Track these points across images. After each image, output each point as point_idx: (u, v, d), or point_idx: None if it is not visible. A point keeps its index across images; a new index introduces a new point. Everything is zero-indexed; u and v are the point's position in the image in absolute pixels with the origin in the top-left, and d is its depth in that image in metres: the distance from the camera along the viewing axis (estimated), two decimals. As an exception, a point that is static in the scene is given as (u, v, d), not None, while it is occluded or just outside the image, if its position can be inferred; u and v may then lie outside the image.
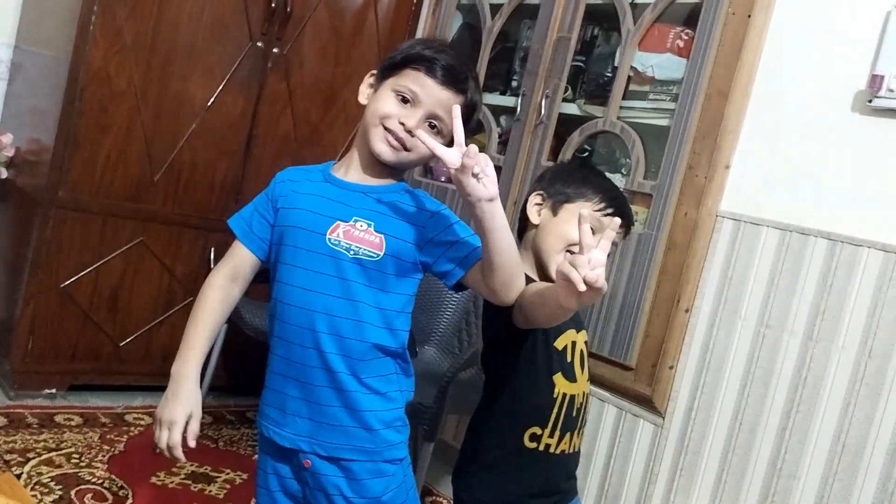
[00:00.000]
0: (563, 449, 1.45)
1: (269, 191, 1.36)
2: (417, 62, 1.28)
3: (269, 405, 1.32)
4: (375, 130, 1.28)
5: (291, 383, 1.28)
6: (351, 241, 1.25)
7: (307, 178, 1.35)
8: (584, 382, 1.48)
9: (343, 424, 1.28)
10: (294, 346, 1.27)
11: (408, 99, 1.27)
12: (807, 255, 1.98)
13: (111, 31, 2.42)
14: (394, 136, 1.27)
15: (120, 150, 2.52)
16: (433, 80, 1.27)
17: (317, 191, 1.31)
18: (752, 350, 2.05)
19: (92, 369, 2.62)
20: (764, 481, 2.00)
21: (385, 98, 1.29)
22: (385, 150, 1.28)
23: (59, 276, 2.49)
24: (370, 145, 1.29)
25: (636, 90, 2.37)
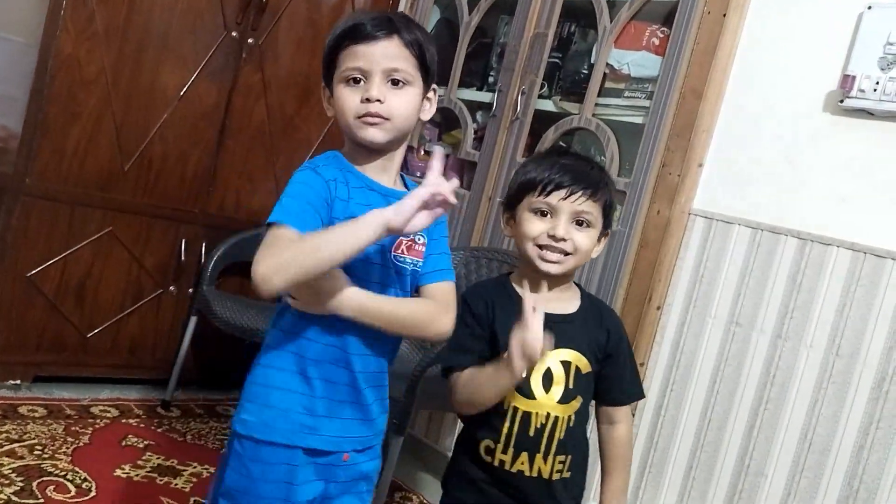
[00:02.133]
0: (520, 469, 1.38)
1: (323, 190, 1.21)
2: (340, 42, 1.25)
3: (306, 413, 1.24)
4: (354, 126, 1.25)
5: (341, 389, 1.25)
6: (413, 256, 1.29)
7: (347, 181, 1.25)
8: (550, 403, 1.38)
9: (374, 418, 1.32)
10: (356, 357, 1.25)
11: (357, 78, 1.24)
12: (777, 254, 1.99)
13: (82, 16, 2.38)
14: (367, 115, 1.23)
15: (89, 139, 2.48)
16: (361, 44, 1.23)
17: (367, 200, 1.25)
18: (722, 348, 2.06)
19: (57, 360, 2.58)
20: (732, 478, 2.01)
21: (341, 95, 1.25)
22: (372, 133, 1.24)
23: (25, 265, 2.44)
24: (359, 140, 1.26)
25: (612, 87, 2.37)
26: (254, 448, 1.24)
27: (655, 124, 2.19)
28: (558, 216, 1.37)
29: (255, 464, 1.23)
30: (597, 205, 1.39)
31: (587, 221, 1.39)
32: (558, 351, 1.38)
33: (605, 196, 1.41)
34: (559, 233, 1.36)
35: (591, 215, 1.39)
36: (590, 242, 1.40)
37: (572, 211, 1.37)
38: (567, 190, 1.37)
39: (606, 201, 1.42)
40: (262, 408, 1.24)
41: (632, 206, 2.20)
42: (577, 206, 1.37)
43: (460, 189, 2.78)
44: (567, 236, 1.36)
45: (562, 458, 1.39)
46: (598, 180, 1.41)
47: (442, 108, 2.89)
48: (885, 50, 1.82)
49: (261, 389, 1.25)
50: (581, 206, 1.38)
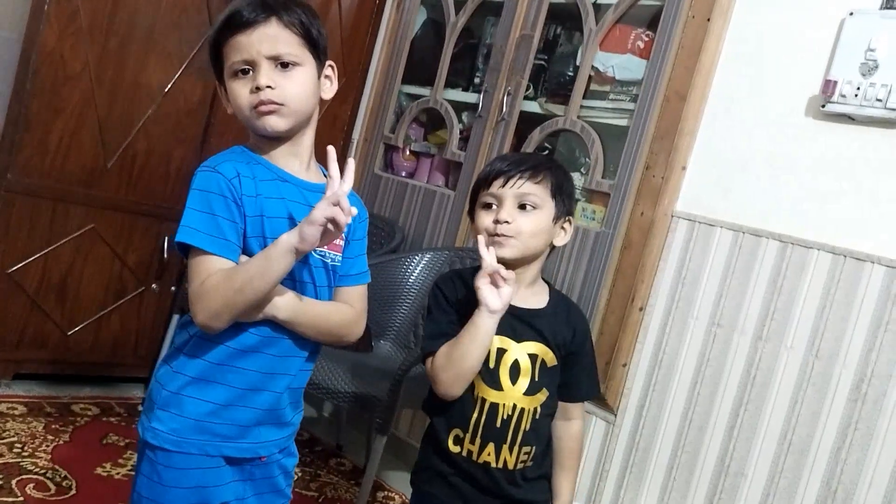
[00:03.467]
0: (486, 460, 1.39)
1: (230, 191, 1.17)
2: (221, 35, 1.22)
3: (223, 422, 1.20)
4: (251, 117, 1.21)
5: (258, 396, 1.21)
6: (332, 250, 1.26)
7: (257, 174, 1.21)
8: (518, 395, 1.39)
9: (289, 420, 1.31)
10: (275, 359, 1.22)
11: (245, 69, 1.20)
12: (759, 256, 2.01)
13: (66, 11, 2.36)
14: (261, 104, 1.19)
15: (72, 134, 2.46)
16: (240, 34, 1.19)
17: (280, 192, 1.22)
18: (704, 349, 2.08)
19: (38, 358, 2.55)
20: (712, 478, 2.03)
21: (233, 90, 1.22)
22: (271, 122, 1.20)
23: (6, 261, 2.42)
24: (260, 131, 1.22)
25: (597, 90, 2.38)
26: (166, 456, 1.19)
27: (640, 127, 2.21)
28: (503, 203, 1.39)
29: (168, 470, 1.19)
30: (540, 186, 1.39)
31: (531, 204, 1.38)
32: (526, 343, 1.41)
33: (550, 178, 1.41)
34: (501, 216, 1.37)
35: (536, 197, 1.38)
36: (534, 225, 1.38)
37: (514, 195, 1.38)
38: (505, 176, 1.39)
39: (553, 184, 1.41)
40: (174, 416, 1.19)
41: (616, 208, 2.22)
42: (518, 189, 1.38)
43: (446, 189, 2.78)
44: (509, 219, 1.37)
45: (527, 450, 1.41)
46: (539, 163, 1.42)
47: (428, 108, 2.89)
48: (866, 56, 1.84)
49: (172, 397, 1.20)
50: (522, 189, 1.38)
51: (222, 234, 1.15)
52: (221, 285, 1.12)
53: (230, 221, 1.16)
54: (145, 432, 1.21)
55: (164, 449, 1.19)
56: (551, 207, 1.41)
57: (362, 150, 3.08)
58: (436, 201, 2.75)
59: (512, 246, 1.37)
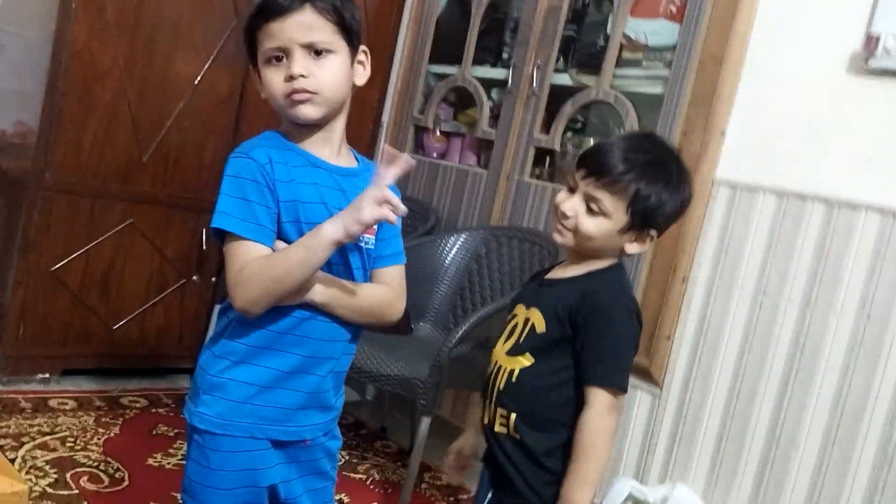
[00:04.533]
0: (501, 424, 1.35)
1: (263, 177, 1.17)
2: (254, 22, 1.21)
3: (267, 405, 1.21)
4: (285, 105, 1.21)
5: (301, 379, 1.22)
6: (365, 233, 1.23)
7: (289, 160, 1.21)
8: (501, 354, 1.37)
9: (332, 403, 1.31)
10: (317, 343, 1.23)
11: (278, 56, 1.19)
12: (804, 221, 1.95)
13: (93, 8, 2.37)
14: (294, 93, 1.18)
15: (106, 131, 2.48)
16: (274, 21, 1.18)
17: (312, 178, 1.22)
18: (750, 318, 2.04)
19: (85, 353, 2.60)
20: (763, 449, 1.99)
21: (266, 77, 1.21)
22: (305, 110, 1.20)
23: (49, 259, 2.46)
24: (293, 119, 1.22)
25: (629, 58, 2.33)
26: (213, 440, 1.20)
27: (675, 93, 2.16)
28: (574, 194, 1.32)
29: (216, 454, 1.20)
30: (611, 196, 1.27)
31: (599, 210, 1.28)
32: (531, 310, 1.37)
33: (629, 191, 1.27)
34: (563, 207, 1.31)
35: (603, 204, 1.28)
36: (595, 229, 1.29)
37: (584, 193, 1.30)
38: (583, 170, 1.31)
39: (634, 197, 1.27)
40: (219, 400, 1.20)
41: (653, 178, 2.17)
42: (588, 189, 1.29)
43: (478, 168, 2.76)
44: (570, 213, 1.30)
45: (503, 413, 1.34)
46: (622, 171, 1.27)
47: (456, 86, 2.86)
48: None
49: (215, 381, 1.21)
50: (591, 191, 1.28)
51: (256, 220, 1.16)
52: (261, 273, 1.13)
53: (264, 206, 1.16)
54: (192, 417, 1.22)
55: (210, 432, 1.20)
56: (623, 220, 1.29)
57: (392, 133, 3.06)
58: (468, 181, 2.73)
59: (569, 238, 1.33)
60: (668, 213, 1.31)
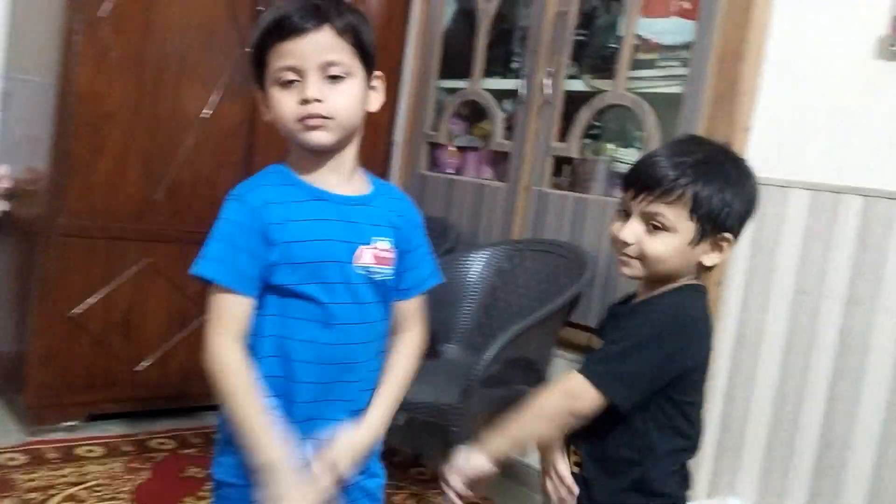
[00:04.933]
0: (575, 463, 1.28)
1: (253, 222, 1.13)
2: (265, 41, 1.13)
3: None
4: (295, 130, 1.14)
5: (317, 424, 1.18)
6: (379, 264, 1.19)
7: (288, 198, 1.16)
8: None
9: None
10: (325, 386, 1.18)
11: (290, 79, 1.12)
12: (840, 214, 1.87)
13: (97, 48, 2.35)
14: (308, 118, 1.12)
15: (117, 171, 2.45)
16: (289, 40, 1.11)
17: (316, 213, 1.16)
18: (791, 319, 1.95)
19: (110, 397, 2.56)
20: (815, 455, 1.91)
21: (276, 98, 1.14)
22: (318, 136, 1.13)
23: (67, 304, 2.42)
24: (304, 145, 1.15)
25: (643, 59, 2.27)
26: (233, 491, 1.17)
27: (695, 92, 2.09)
28: (630, 218, 1.21)
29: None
30: (669, 207, 1.16)
31: (661, 225, 1.18)
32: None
33: (691, 195, 1.16)
34: (623, 235, 1.20)
35: (666, 219, 1.17)
36: (662, 248, 1.19)
37: (641, 213, 1.20)
38: (635, 189, 1.20)
39: (696, 201, 1.16)
40: (237, 451, 1.15)
41: (678, 181, 2.10)
42: (643, 207, 1.19)
43: (495, 181, 2.70)
44: (631, 239, 1.19)
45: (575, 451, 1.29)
46: (677, 176, 1.17)
47: (468, 100, 2.81)
48: (937, -15, 1.70)
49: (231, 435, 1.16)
50: (650, 208, 1.18)
51: (239, 268, 1.12)
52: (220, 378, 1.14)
53: (250, 254, 1.12)
54: (214, 468, 1.20)
55: (230, 484, 1.17)
56: (689, 230, 1.18)
57: (405, 151, 3.02)
58: (486, 195, 2.67)
59: (634, 267, 1.22)
60: (737, 211, 1.19)
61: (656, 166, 1.19)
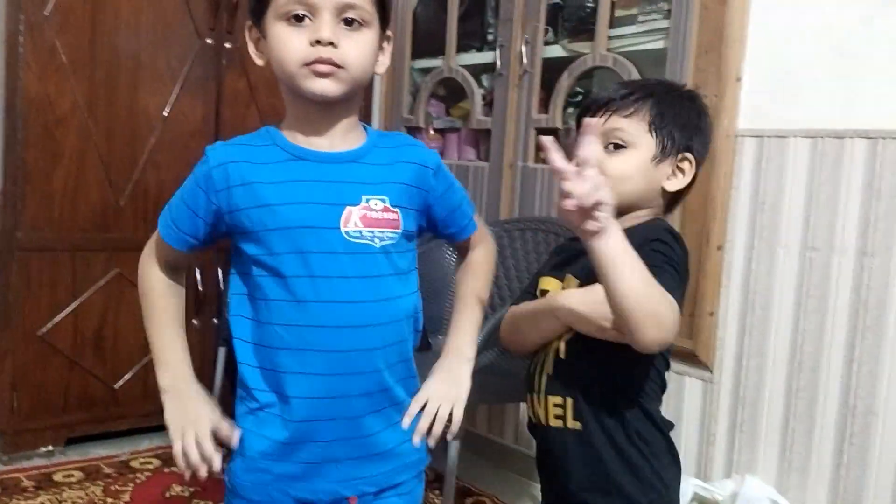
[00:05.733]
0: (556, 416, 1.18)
1: (204, 183, 1.04)
2: None
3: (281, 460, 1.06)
4: (299, 75, 1.00)
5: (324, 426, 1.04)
6: (374, 226, 1.03)
7: (262, 158, 1.04)
8: None
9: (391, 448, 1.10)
10: (333, 378, 1.03)
11: (300, 15, 0.99)
12: (845, 160, 1.73)
13: (43, 49, 2.21)
14: (318, 62, 0.99)
15: (76, 178, 2.32)
16: None
17: (294, 174, 1.03)
18: (800, 279, 1.81)
19: (88, 418, 2.43)
20: (837, 423, 1.76)
21: (280, 35, 1.00)
22: (324, 85, 1.00)
23: (35, 323, 2.29)
24: (306, 93, 1.01)
25: (623, 15, 2.13)
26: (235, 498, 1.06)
27: (679, 45, 1.95)
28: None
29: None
30: (630, 120, 1.15)
31: (619, 141, 1.15)
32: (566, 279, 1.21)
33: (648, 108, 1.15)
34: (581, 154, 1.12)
35: (625, 133, 1.14)
36: (622, 167, 1.14)
37: (601, 133, 1.15)
38: (591, 110, 1.18)
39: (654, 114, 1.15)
40: (237, 455, 1.05)
41: (669, 141, 1.96)
42: (604, 124, 1.16)
43: (479, 161, 2.56)
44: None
45: (556, 401, 1.18)
46: (632, 91, 1.17)
47: (444, 79, 2.68)
48: None
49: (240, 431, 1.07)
50: (608, 124, 1.16)
51: (176, 222, 1.09)
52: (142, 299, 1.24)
53: (191, 212, 1.06)
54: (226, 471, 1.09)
55: (232, 491, 1.08)
56: (650, 145, 1.15)
57: (384, 138, 2.88)
58: (470, 176, 2.53)
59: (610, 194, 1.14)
60: (696, 125, 1.18)
61: (611, 89, 1.19)
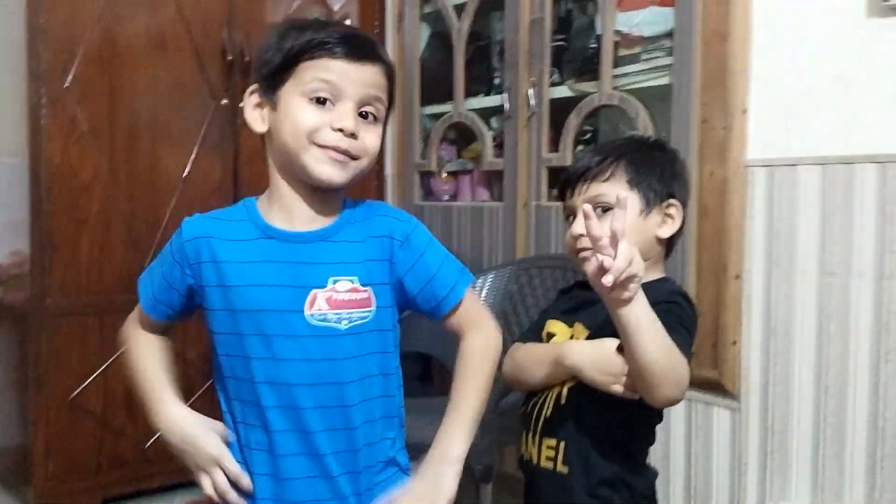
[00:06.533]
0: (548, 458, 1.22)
1: (179, 255, 1.08)
2: (311, 50, 1.02)
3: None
4: (308, 153, 1.02)
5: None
6: (341, 308, 1.03)
7: (233, 234, 1.05)
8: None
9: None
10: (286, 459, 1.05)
11: (324, 98, 1.01)
12: (856, 186, 1.75)
13: (64, 120, 2.28)
14: (335, 150, 1.02)
15: (101, 243, 2.37)
16: (343, 61, 1.01)
17: (262, 254, 1.04)
18: (820, 304, 1.82)
19: (121, 479, 2.45)
20: (868, 445, 1.76)
21: (298, 107, 1.02)
22: (333, 172, 1.02)
23: (65, 388, 2.33)
24: (310, 174, 1.03)
25: (626, 54, 2.17)
26: None
27: (684, 80, 1.99)
28: (577, 213, 1.22)
29: None
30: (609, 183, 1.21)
31: (605, 205, 1.20)
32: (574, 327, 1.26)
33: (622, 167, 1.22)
34: (574, 230, 1.21)
35: (608, 196, 1.19)
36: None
37: (583, 202, 1.20)
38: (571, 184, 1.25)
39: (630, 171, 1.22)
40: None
41: (680, 174, 1.99)
42: (587, 194, 1.22)
43: (492, 202, 2.60)
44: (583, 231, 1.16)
45: (550, 444, 1.22)
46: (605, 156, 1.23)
47: (453, 123, 2.72)
48: (923, -70, 1.59)
49: None
50: (589, 193, 1.22)
51: (154, 293, 1.14)
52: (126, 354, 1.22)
53: (167, 283, 1.11)
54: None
55: None
56: (634, 202, 1.21)
57: (397, 184, 2.92)
58: (485, 217, 2.57)
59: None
60: (672, 172, 1.25)
61: (581, 159, 1.26)
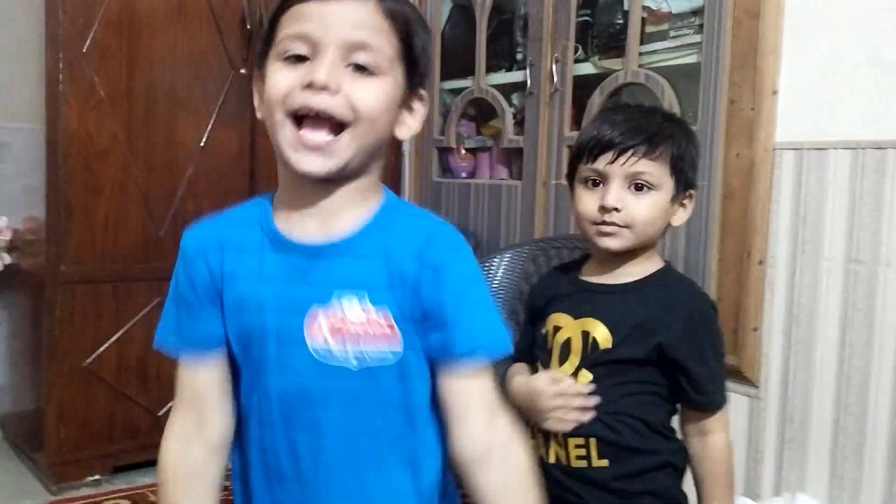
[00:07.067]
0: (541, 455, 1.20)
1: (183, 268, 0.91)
2: (284, 4, 0.81)
3: None
4: (283, 132, 0.80)
5: None
6: (351, 342, 0.82)
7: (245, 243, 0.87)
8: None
9: None
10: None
11: (301, 55, 0.79)
12: (888, 171, 1.70)
13: (82, 86, 2.25)
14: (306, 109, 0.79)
15: (117, 211, 2.36)
16: (317, 2, 0.78)
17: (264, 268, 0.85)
18: (846, 292, 1.78)
19: (133, 447, 2.45)
20: (890, 437, 1.73)
21: (271, 74, 0.81)
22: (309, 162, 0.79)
23: (79, 355, 2.33)
24: (287, 161, 0.81)
25: (654, 31, 2.12)
26: None
27: (713, 59, 1.94)
28: (609, 183, 1.16)
29: None
30: (656, 163, 1.16)
31: (646, 184, 1.16)
32: (583, 321, 1.20)
33: (671, 150, 1.17)
34: (608, 202, 1.15)
35: (652, 176, 1.16)
36: (650, 210, 1.17)
37: (624, 174, 1.16)
38: (614, 150, 1.15)
39: (674, 155, 1.18)
40: None
41: (706, 155, 1.94)
42: (630, 167, 1.15)
43: (511, 180, 2.56)
44: (619, 205, 1.15)
45: (579, 442, 1.17)
46: (656, 131, 1.17)
47: (474, 99, 2.68)
48: None
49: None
50: (634, 168, 1.15)
51: (178, 326, 0.90)
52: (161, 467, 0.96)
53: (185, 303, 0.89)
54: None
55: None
56: (670, 186, 1.18)
57: (415, 160, 2.89)
58: (503, 195, 2.53)
59: (623, 237, 1.17)
60: (695, 160, 1.23)
61: (631, 125, 1.17)
